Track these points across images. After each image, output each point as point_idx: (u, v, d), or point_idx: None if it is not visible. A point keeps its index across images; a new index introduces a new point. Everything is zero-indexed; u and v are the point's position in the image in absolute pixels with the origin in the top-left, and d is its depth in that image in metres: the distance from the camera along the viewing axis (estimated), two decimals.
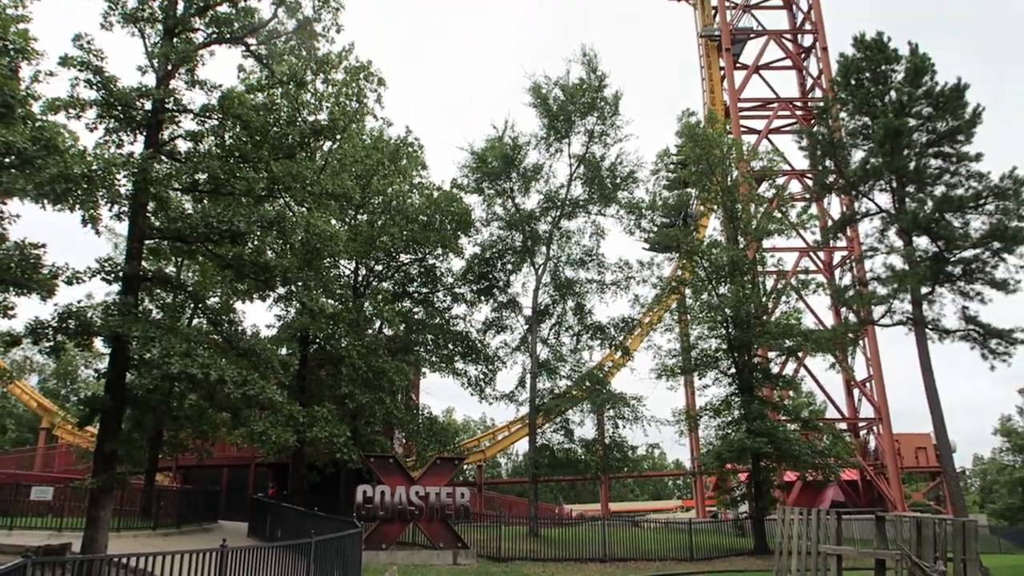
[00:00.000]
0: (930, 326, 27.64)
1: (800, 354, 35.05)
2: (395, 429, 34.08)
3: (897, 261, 28.57)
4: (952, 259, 27.28)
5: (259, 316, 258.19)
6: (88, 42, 18.32)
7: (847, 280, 40.29)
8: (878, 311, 29.26)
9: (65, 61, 17.79)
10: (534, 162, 34.70)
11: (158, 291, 25.81)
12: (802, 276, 37.68)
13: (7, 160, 14.32)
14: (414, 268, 33.26)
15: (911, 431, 46.97)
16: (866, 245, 29.92)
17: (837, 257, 46.86)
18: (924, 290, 27.45)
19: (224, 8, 21.07)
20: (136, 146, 19.75)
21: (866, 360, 45.52)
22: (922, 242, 28.30)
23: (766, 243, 36.33)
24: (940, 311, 27.65)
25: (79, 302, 18.49)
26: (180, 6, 20.33)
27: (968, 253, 26.91)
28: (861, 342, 43.45)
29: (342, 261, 31.12)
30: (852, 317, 35.78)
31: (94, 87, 18.43)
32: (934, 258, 27.51)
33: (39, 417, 49.41)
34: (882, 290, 28.42)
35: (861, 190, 29.49)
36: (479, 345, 33.53)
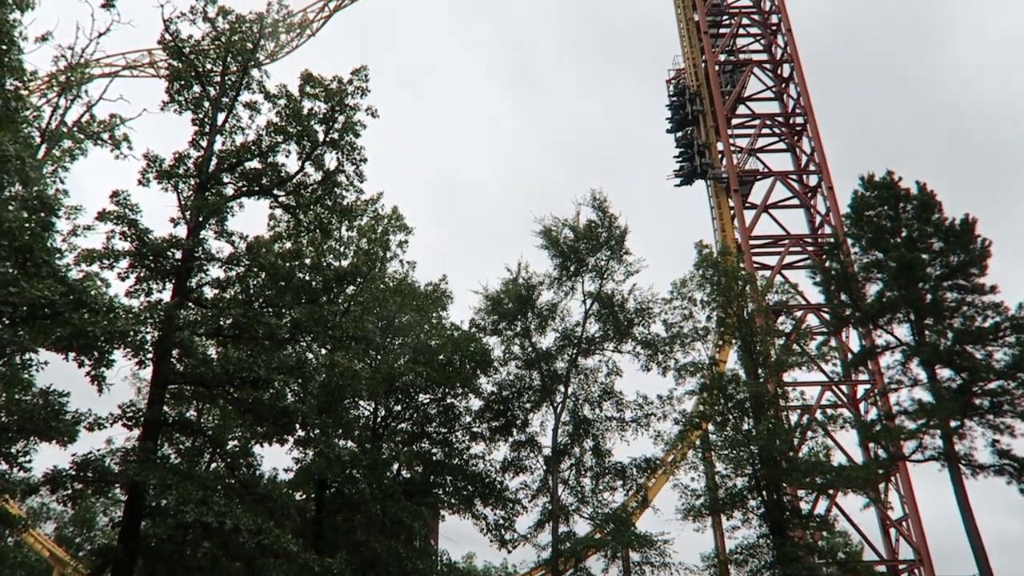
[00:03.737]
0: (963, 461, 26.84)
1: (831, 492, 33.88)
2: None
3: (923, 394, 28.16)
4: (978, 391, 26.86)
5: (277, 459, 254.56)
6: (125, 198, 19.39)
7: (873, 413, 39.50)
8: (908, 446, 28.52)
9: (103, 216, 18.80)
10: (548, 300, 35.34)
11: (177, 435, 25.85)
12: (828, 411, 37.02)
13: (39, 312, 14.87)
14: (433, 408, 33.17)
15: (955, 573, 44.46)
16: (889, 378, 29.59)
17: (861, 390, 46.14)
18: (953, 424, 26.86)
19: (254, 164, 22.36)
20: (164, 293, 20.49)
21: (900, 498, 43.81)
22: (947, 373, 27.99)
23: (787, 376, 35.97)
24: (971, 445, 26.94)
25: (98, 449, 18.59)
26: (213, 163, 21.61)
27: (993, 385, 26.52)
28: (894, 478, 41.99)
29: (361, 402, 31.14)
30: (882, 452, 34.80)
31: (128, 239, 19.36)
32: (960, 390, 27.10)
33: (51, 567, 48.09)
34: (910, 424, 27.84)
35: (879, 323, 29.51)
36: (497, 486, 32.83)
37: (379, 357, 31.50)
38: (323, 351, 25.96)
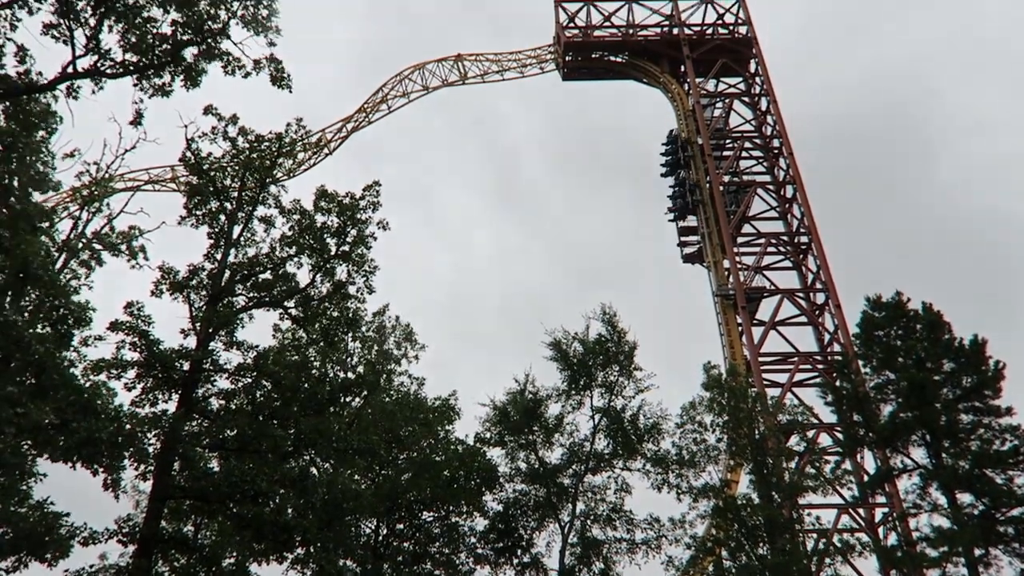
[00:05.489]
0: None
1: None
2: None
3: (944, 520, 27.18)
4: (1001, 518, 25.93)
5: None
6: (138, 309, 19.58)
7: (893, 539, 37.99)
8: (932, 575, 27.30)
9: (115, 326, 18.93)
10: (556, 414, 34.90)
11: (173, 552, 25.02)
12: (845, 536, 35.64)
13: (46, 421, 14.76)
14: (436, 527, 32.16)
15: None
16: (908, 502, 28.67)
17: (879, 514, 44.59)
18: (977, 552, 25.79)
19: (266, 275, 22.67)
20: (170, 404, 20.33)
21: None
22: (967, 498, 27.11)
23: (802, 499, 34.88)
24: (997, 574, 25.75)
25: (91, 566, 17.97)
26: (226, 275, 21.93)
27: (1016, 511, 25.62)
28: None
29: (363, 519, 30.23)
30: None
31: (138, 349, 19.40)
32: (983, 516, 26.18)
33: None
34: (932, 552, 26.73)
35: (895, 444, 28.88)
36: None
37: (383, 472, 30.84)
38: (326, 465, 25.48)
